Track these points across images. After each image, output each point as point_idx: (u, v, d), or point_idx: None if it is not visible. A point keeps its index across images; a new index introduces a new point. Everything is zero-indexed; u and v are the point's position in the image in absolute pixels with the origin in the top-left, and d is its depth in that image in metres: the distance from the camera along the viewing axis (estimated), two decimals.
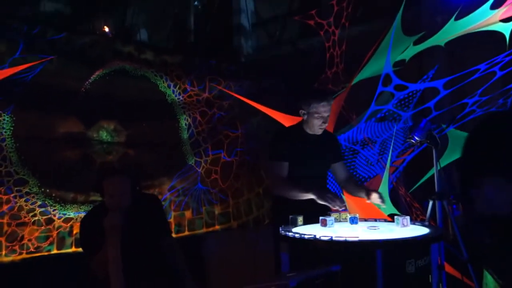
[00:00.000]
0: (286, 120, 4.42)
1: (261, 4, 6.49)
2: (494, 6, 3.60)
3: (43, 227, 3.59)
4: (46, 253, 3.59)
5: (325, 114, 2.85)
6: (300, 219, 2.68)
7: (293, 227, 2.57)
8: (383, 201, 2.79)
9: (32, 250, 3.52)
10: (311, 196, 2.74)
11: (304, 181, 2.87)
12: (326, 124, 2.92)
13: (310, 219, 2.64)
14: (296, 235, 2.29)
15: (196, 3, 6.21)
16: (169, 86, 4.43)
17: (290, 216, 2.69)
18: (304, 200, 2.80)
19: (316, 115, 2.85)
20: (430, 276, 2.37)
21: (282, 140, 3.01)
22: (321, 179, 3.09)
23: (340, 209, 2.68)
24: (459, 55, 4.59)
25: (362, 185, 3.09)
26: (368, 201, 2.88)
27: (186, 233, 4.45)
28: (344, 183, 3.15)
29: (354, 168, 4.55)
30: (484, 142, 1.23)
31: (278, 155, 2.95)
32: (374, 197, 2.80)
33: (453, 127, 4.16)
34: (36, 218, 3.57)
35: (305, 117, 2.91)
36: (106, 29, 4.50)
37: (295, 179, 2.90)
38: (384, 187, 4.08)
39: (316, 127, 2.89)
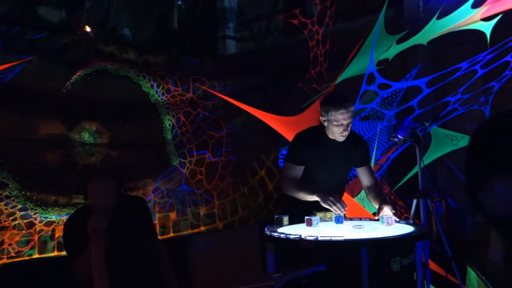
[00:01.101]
0: (271, 120, 4.41)
1: (246, 3, 6.48)
2: (475, 5, 3.64)
3: (24, 231, 3.53)
4: (27, 258, 3.52)
5: (345, 122, 2.73)
6: (285, 219, 2.67)
7: (278, 227, 2.56)
8: (395, 213, 2.65)
9: (13, 255, 3.45)
10: (316, 198, 2.72)
11: (321, 185, 2.83)
12: (348, 132, 2.79)
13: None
14: (282, 235, 2.28)
15: (179, 2, 6.17)
16: (152, 86, 4.39)
17: (276, 216, 2.68)
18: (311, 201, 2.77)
19: (335, 123, 2.75)
20: (414, 273, 2.38)
21: (301, 143, 2.95)
22: (339, 183, 3.03)
23: (341, 213, 2.63)
24: (441, 53, 4.64)
25: (381, 196, 2.94)
26: (378, 217, 2.69)
27: (171, 234, 4.42)
28: (366, 190, 3.01)
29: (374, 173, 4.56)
30: (491, 139, 1.18)
31: (294, 158, 2.91)
32: (386, 211, 2.65)
33: (436, 125, 4.20)
34: (17, 222, 3.50)
35: (326, 124, 2.82)
36: (88, 28, 4.42)
37: (313, 182, 2.87)
38: None
39: (337, 134, 2.80)
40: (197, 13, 5.87)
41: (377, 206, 2.79)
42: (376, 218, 2.71)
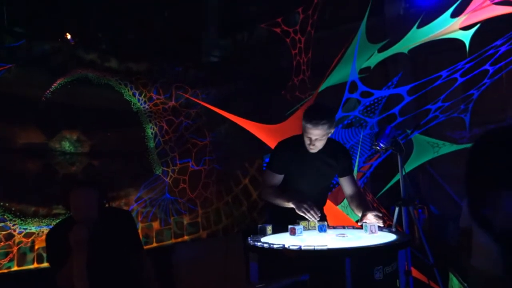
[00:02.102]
0: (254, 128, 4.41)
1: (228, 10, 6.48)
2: (454, 15, 3.71)
3: (2, 243, 3.44)
4: (5, 271, 3.43)
5: (312, 137, 2.71)
6: (269, 228, 2.66)
7: (262, 237, 2.55)
8: (380, 219, 2.64)
9: None
10: (291, 205, 2.71)
11: (302, 194, 2.82)
12: (315, 147, 2.76)
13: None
14: (265, 245, 2.27)
15: (162, 9, 6.15)
16: (134, 95, 4.35)
17: (259, 226, 2.67)
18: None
19: (305, 134, 2.75)
20: (397, 281, 2.39)
21: (281, 151, 2.94)
22: (320, 192, 3.02)
23: (315, 220, 2.63)
24: (422, 62, 4.71)
25: (364, 203, 2.94)
26: (361, 223, 2.68)
27: (154, 244, 4.36)
28: (349, 199, 3.00)
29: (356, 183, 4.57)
30: (490, 155, 1.15)
31: (273, 166, 2.91)
32: (370, 218, 2.65)
33: (417, 133, 4.25)
34: None
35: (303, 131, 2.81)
36: (68, 36, 4.37)
37: (294, 191, 2.86)
38: None
39: (306, 145, 2.80)
40: (179, 20, 5.85)
41: (360, 214, 2.79)
42: (360, 224, 2.71)
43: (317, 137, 2.72)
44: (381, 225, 2.64)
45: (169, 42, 5.60)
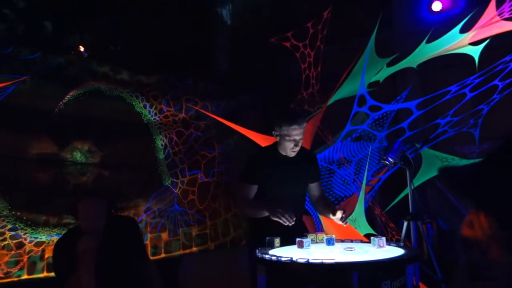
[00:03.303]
0: (263, 140, 4.43)
1: (238, 22, 6.55)
2: (463, 30, 3.73)
3: (13, 252, 3.48)
4: (16, 279, 3.47)
5: (297, 138, 2.79)
6: (277, 241, 2.67)
7: (270, 249, 2.55)
8: (343, 220, 2.76)
9: (1, 275, 3.40)
10: (266, 213, 2.73)
11: (279, 202, 2.85)
12: (298, 148, 2.86)
13: (286, 241, 2.63)
14: (273, 257, 2.28)
15: (171, 22, 6.23)
16: (145, 107, 4.40)
17: (267, 238, 2.68)
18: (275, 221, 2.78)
19: (287, 138, 2.80)
20: None
21: (253, 162, 2.98)
22: (297, 199, 3.05)
23: (290, 224, 2.62)
24: (431, 76, 4.72)
25: (330, 204, 3.06)
26: (333, 219, 2.83)
27: (163, 255, 4.38)
28: (315, 202, 3.12)
29: (331, 187, 4.58)
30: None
31: (247, 178, 2.93)
32: (338, 215, 2.76)
33: (426, 147, 4.25)
34: (6, 242, 3.46)
35: (278, 138, 2.88)
36: (82, 48, 4.45)
37: (271, 200, 2.88)
38: (360, 207, 4.11)
39: (288, 149, 2.85)
40: (189, 32, 5.93)
41: (329, 212, 2.85)
42: (333, 217, 2.79)
43: (300, 137, 2.81)
44: (344, 225, 2.79)
45: (179, 55, 5.67)
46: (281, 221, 2.63)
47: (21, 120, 3.60)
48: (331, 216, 2.83)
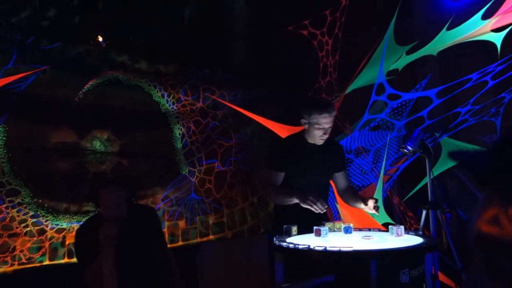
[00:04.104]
0: (280, 129, 4.42)
1: (255, 13, 6.52)
2: (485, 16, 3.64)
3: (35, 238, 3.56)
4: (38, 264, 3.55)
5: (326, 126, 2.81)
6: (294, 229, 2.67)
7: (287, 237, 2.56)
8: (377, 209, 2.78)
9: (24, 261, 3.48)
10: (295, 200, 2.73)
11: (304, 190, 2.85)
12: (327, 136, 2.87)
13: (309, 229, 2.63)
14: (290, 245, 2.28)
15: (189, 11, 6.23)
16: (163, 96, 4.43)
17: (285, 226, 2.68)
18: (302, 208, 2.78)
19: (316, 126, 2.81)
20: (424, 285, 2.36)
21: (280, 149, 3.00)
22: (322, 188, 3.04)
23: (321, 212, 2.64)
24: (451, 64, 4.63)
25: (359, 195, 3.04)
26: (364, 208, 2.85)
27: (180, 243, 4.43)
28: (342, 193, 3.10)
29: (348, 176, 4.55)
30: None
31: (274, 165, 2.94)
32: (370, 204, 2.77)
33: (446, 136, 4.18)
34: (28, 228, 3.54)
35: (306, 126, 2.88)
36: (100, 38, 4.49)
37: (296, 188, 2.89)
38: (378, 196, 4.09)
39: (317, 137, 2.86)
40: (207, 22, 5.92)
41: (357, 203, 2.88)
42: (365, 206, 2.80)
43: (330, 125, 2.83)
44: (377, 213, 2.80)
45: (197, 44, 5.68)
46: (312, 209, 2.63)
47: (42, 110, 3.65)
48: (362, 206, 2.84)
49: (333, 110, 2.84)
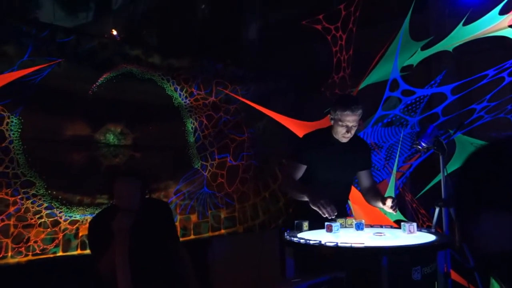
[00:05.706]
0: (293, 125, 4.41)
1: (269, 7, 6.50)
2: (503, 12, 3.58)
3: (49, 229, 3.61)
4: (51, 255, 3.60)
5: (349, 124, 2.78)
6: (305, 224, 2.67)
7: (298, 232, 2.56)
8: (394, 209, 2.74)
9: (38, 252, 3.53)
10: (305, 198, 2.72)
11: (324, 188, 2.84)
12: (350, 134, 2.84)
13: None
14: (302, 240, 2.28)
15: (203, 6, 6.23)
16: (175, 90, 4.44)
17: (296, 221, 2.68)
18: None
19: (340, 123, 2.80)
20: (436, 283, 2.35)
21: (306, 142, 3.00)
22: (343, 187, 3.04)
23: (329, 217, 2.59)
24: (467, 60, 4.56)
25: (381, 194, 3.02)
26: (383, 207, 2.83)
27: (192, 236, 4.45)
28: (365, 191, 3.07)
29: (373, 176, 4.52)
30: (478, 171, 1.06)
31: (296, 157, 2.94)
32: (388, 203, 2.73)
33: (460, 133, 4.13)
34: (42, 220, 3.58)
35: (332, 122, 2.88)
36: (114, 32, 4.51)
37: (318, 184, 2.88)
38: (390, 193, 4.06)
39: (340, 134, 2.85)
40: (220, 17, 5.92)
41: (379, 201, 2.84)
42: (384, 206, 2.76)
43: (353, 124, 2.79)
44: (394, 213, 2.77)
45: (210, 39, 5.68)
46: (320, 212, 2.61)
47: (57, 102, 3.68)
48: (380, 205, 2.82)
49: (358, 109, 2.78)
